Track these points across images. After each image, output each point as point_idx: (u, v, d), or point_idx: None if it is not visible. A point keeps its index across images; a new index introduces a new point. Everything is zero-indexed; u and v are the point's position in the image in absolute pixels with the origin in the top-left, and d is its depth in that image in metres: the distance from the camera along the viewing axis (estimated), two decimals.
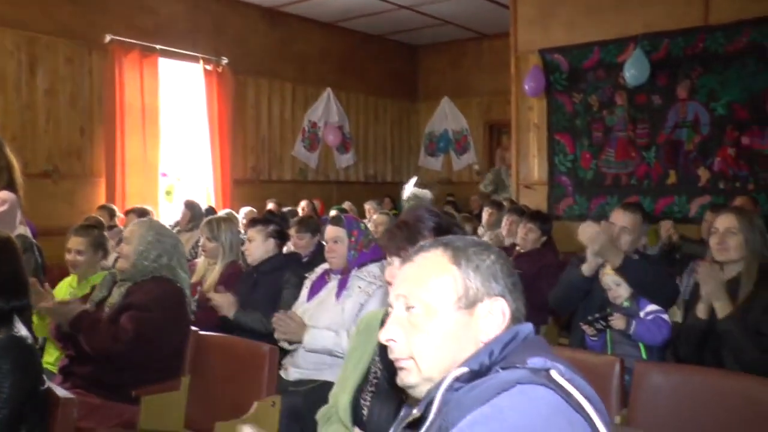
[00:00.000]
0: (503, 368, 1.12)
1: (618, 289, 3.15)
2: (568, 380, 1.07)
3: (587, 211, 7.60)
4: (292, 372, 3.31)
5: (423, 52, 11.89)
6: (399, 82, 11.59)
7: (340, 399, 2.07)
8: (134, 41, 7.71)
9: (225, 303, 3.64)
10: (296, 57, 9.72)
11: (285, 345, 3.29)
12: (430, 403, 1.14)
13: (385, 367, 1.94)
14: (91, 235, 3.80)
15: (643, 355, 3.04)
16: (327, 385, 2.60)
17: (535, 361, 1.10)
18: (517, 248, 4.83)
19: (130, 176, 7.60)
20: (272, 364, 2.98)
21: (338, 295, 3.27)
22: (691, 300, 3.06)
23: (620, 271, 3.09)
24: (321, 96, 10.14)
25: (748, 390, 2.30)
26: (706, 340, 2.86)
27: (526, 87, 7.71)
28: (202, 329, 3.36)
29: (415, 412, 1.20)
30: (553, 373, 1.07)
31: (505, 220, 5.57)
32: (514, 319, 1.25)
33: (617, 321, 3.04)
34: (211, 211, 7.03)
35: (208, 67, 8.43)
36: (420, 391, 1.22)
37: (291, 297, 3.65)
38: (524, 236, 4.81)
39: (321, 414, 2.23)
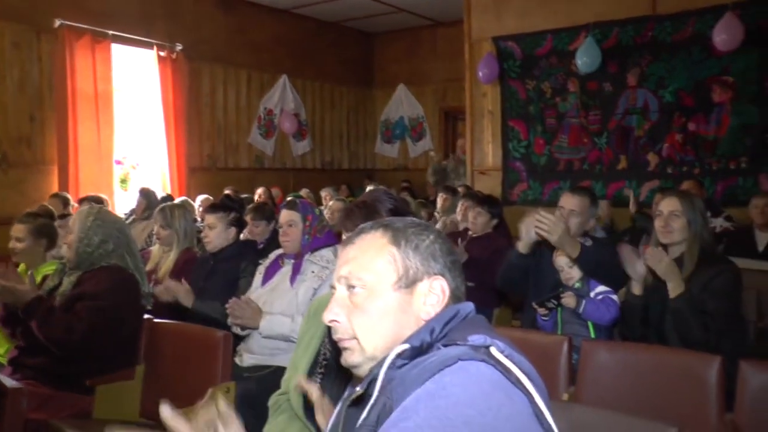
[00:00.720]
0: (444, 345, 1.14)
1: (570, 270, 3.23)
2: (507, 356, 1.10)
3: (541, 196, 7.73)
4: (246, 358, 3.30)
5: (378, 39, 11.90)
6: (355, 69, 11.58)
7: (292, 382, 2.09)
8: (85, 26, 7.54)
9: (182, 292, 3.62)
10: (251, 44, 9.65)
11: (238, 331, 3.29)
12: (373, 381, 1.17)
13: (333, 348, 1.97)
14: (32, 223, 3.72)
15: (592, 334, 3.12)
16: (281, 371, 2.60)
17: (476, 338, 1.12)
18: (470, 233, 4.89)
19: (83, 164, 7.46)
20: (226, 351, 2.99)
21: (292, 280, 3.27)
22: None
23: (578, 261, 3.15)
24: (277, 83, 10.08)
25: (688, 365, 2.40)
26: (647, 316, 2.95)
27: (480, 74, 7.79)
28: (157, 317, 3.36)
29: (358, 389, 1.23)
30: (493, 350, 1.10)
31: (460, 205, 5.63)
32: (454, 297, 1.28)
33: (568, 299, 3.12)
34: (168, 199, 6.96)
35: (162, 54, 8.32)
36: (364, 370, 1.25)
37: (247, 286, 3.62)
38: (474, 220, 4.87)
39: (272, 402, 2.25)
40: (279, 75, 10.09)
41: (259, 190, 8.23)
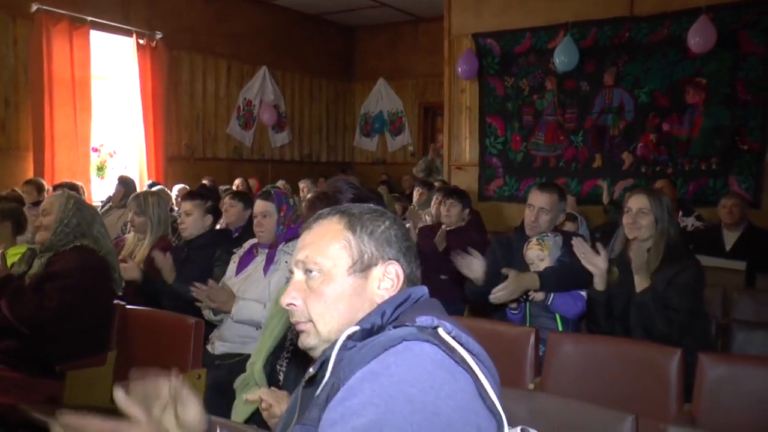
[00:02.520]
0: (395, 327, 1.17)
1: (540, 263, 3.29)
2: (454, 337, 1.13)
3: (517, 192, 7.81)
4: (218, 346, 3.33)
5: (359, 33, 11.91)
6: (335, 62, 11.58)
7: (256, 365, 2.12)
8: (63, 11, 7.48)
9: (167, 266, 3.64)
10: (231, 34, 9.61)
11: (210, 316, 3.31)
12: (325, 362, 1.21)
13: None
14: None
15: (560, 328, 3.18)
16: None
17: (423, 320, 1.15)
18: (443, 226, 4.94)
19: (59, 150, 7.40)
20: (198, 337, 3.01)
21: (266, 269, 3.30)
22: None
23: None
24: (257, 74, 10.06)
25: (650, 357, 2.46)
26: (611, 311, 3.00)
27: (459, 70, 7.84)
28: (129, 304, 3.36)
29: (311, 370, 1.27)
30: (440, 331, 1.13)
31: (434, 199, 5.68)
32: (409, 282, 1.32)
33: (536, 294, 3.17)
34: (155, 185, 6.95)
35: (142, 41, 8.27)
36: (319, 352, 1.28)
37: (221, 274, 3.64)
38: (447, 212, 4.92)
39: (239, 382, 2.28)
40: (259, 66, 10.07)
41: (237, 181, 8.23)
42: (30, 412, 2.88)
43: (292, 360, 2.07)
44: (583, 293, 3.23)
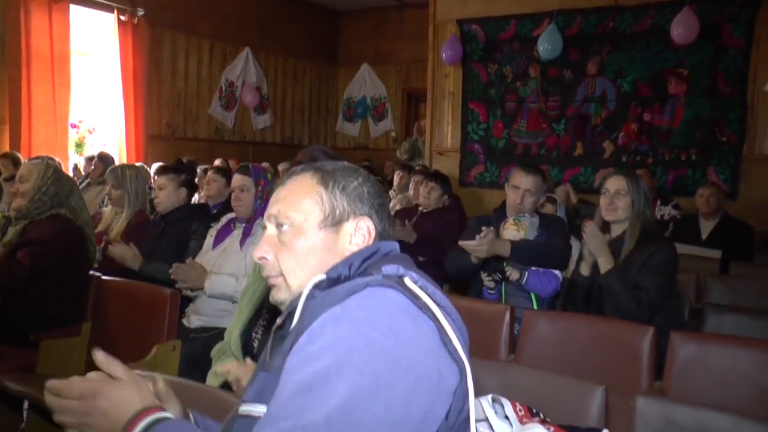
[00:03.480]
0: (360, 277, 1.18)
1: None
2: (420, 287, 1.14)
3: (497, 178, 7.83)
4: (194, 320, 3.32)
5: (345, 17, 11.85)
6: (319, 46, 11.52)
7: (233, 333, 2.12)
8: None
9: (128, 256, 3.60)
10: (215, 14, 9.52)
11: (188, 292, 3.30)
12: (292, 312, 1.21)
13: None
14: None
15: (535, 306, 3.20)
16: None
17: (389, 268, 1.17)
18: (420, 208, 4.95)
19: (37, 125, 7.30)
20: (173, 309, 2.99)
21: (242, 243, 3.29)
22: (580, 258, 3.23)
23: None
24: (240, 55, 9.98)
25: (623, 335, 2.48)
26: (590, 294, 3.03)
27: (443, 55, 7.83)
28: (105, 275, 3.34)
29: (279, 320, 1.28)
30: (405, 280, 1.14)
31: (412, 182, 5.69)
32: (381, 239, 1.32)
33: (512, 272, 3.19)
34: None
35: (123, 18, 8.16)
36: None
37: (197, 248, 3.63)
38: (427, 195, 4.93)
39: (215, 350, 2.28)
40: (242, 47, 9.99)
41: (217, 161, 8.16)
42: (2, 380, 2.87)
43: (267, 329, 2.07)
44: (557, 273, 3.27)
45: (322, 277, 1.21)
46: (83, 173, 7.09)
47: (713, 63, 6.75)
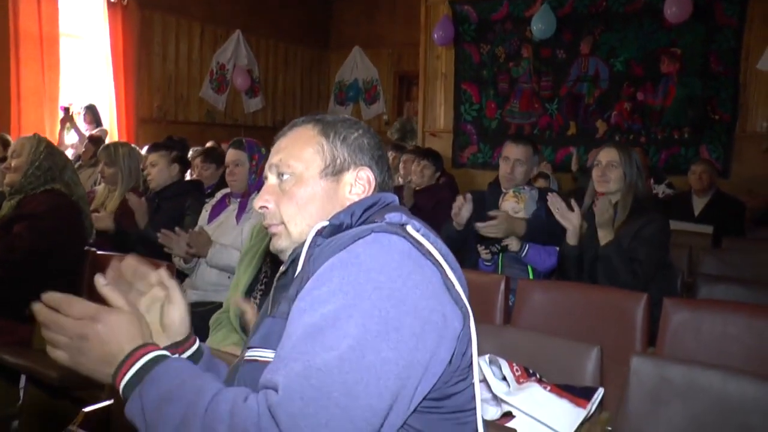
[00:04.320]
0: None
1: (516, 215, 3.31)
2: (423, 235, 1.16)
3: (490, 159, 7.83)
4: (190, 294, 3.32)
5: (336, 1, 11.78)
6: (311, 29, 11.45)
7: (231, 299, 2.12)
8: None
9: (141, 209, 3.62)
10: None
11: (181, 264, 3.30)
12: (295, 260, 1.22)
13: (273, 265, 2.01)
14: None
15: (530, 277, 3.21)
16: None
17: (392, 216, 1.19)
18: (414, 185, 4.96)
19: (25, 107, 7.22)
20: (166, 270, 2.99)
21: (238, 217, 3.30)
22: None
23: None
24: (231, 38, 9.91)
25: (617, 302, 2.50)
26: (581, 264, 3.05)
27: (435, 36, 7.81)
28: (99, 250, 3.34)
29: (282, 268, 1.29)
30: (408, 227, 1.16)
31: (402, 162, 5.71)
32: (380, 189, 1.34)
33: (512, 243, 3.20)
34: None
35: (113, 0, 8.09)
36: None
37: (192, 223, 3.63)
38: (420, 173, 4.95)
39: (213, 319, 2.28)
40: (233, 30, 9.92)
41: (209, 144, 8.14)
42: None
43: (266, 293, 2.07)
44: (557, 249, 3.28)
45: (325, 223, 1.22)
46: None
47: (706, 42, 6.77)
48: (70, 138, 7.63)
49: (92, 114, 7.29)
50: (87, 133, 7.36)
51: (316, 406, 0.94)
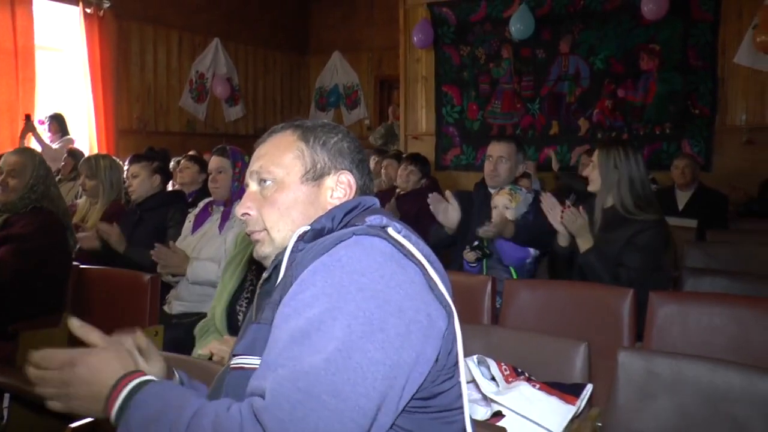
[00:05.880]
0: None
1: (504, 211, 3.33)
2: (404, 236, 1.17)
3: (474, 160, 7.84)
4: (175, 306, 3.31)
5: (314, 5, 11.76)
6: (290, 35, 11.42)
7: (217, 308, 2.11)
8: None
9: (114, 236, 3.58)
10: (183, 4, 9.40)
11: (169, 279, 3.28)
12: (278, 265, 1.23)
13: (258, 272, 1.99)
14: None
15: (514, 278, 3.22)
16: None
17: (373, 218, 1.20)
18: (398, 190, 4.96)
19: (1, 122, 7.15)
20: (154, 294, 2.97)
21: (221, 227, 3.28)
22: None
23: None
24: (209, 46, 9.87)
25: (603, 298, 2.50)
26: (572, 263, 3.05)
27: (415, 39, 7.82)
28: (83, 264, 3.31)
29: (265, 275, 1.30)
30: (389, 230, 1.17)
31: (383, 167, 5.71)
32: (362, 193, 1.35)
33: (486, 231, 3.22)
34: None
35: (89, 11, 8.02)
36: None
37: (175, 235, 3.62)
38: (406, 178, 4.95)
39: (199, 327, 2.27)
40: (211, 38, 9.87)
41: (191, 153, 8.09)
42: None
43: (252, 300, 2.06)
44: (530, 249, 3.30)
45: (307, 228, 1.22)
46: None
47: (683, 38, 6.81)
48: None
49: (58, 123, 7.21)
50: (54, 145, 7.28)
51: (305, 409, 0.94)
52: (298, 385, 0.96)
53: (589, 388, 1.75)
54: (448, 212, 3.33)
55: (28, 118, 7.09)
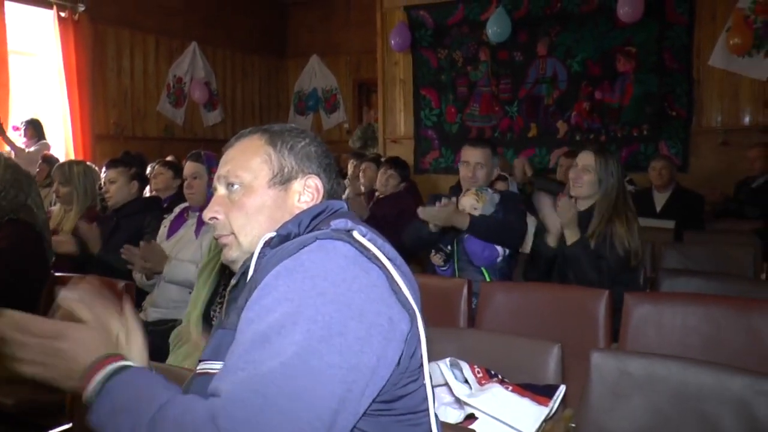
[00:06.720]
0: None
1: (474, 211, 3.32)
2: (369, 240, 1.17)
3: (453, 163, 7.85)
4: (151, 312, 3.28)
5: (292, 9, 11.72)
6: (267, 38, 11.38)
7: (192, 314, 2.09)
8: None
9: (93, 236, 3.55)
10: (159, 8, 9.33)
11: (142, 281, 3.25)
12: (245, 272, 1.24)
13: (230, 272, 1.98)
14: None
15: (487, 279, 3.23)
16: None
17: (338, 222, 1.20)
18: (377, 193, 4.95)
19: None
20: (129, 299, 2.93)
21: (197, 231, 3.27)
22: (539, 231, 3.26)
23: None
24: (186, 50, 9.80)
25: (579, 300, 2.51)
26: (552, 265, 3.07)
27: (392, 42, 7.83)
28: (57, 270, 3.26)
29: (233, 281, 1.30)
30: (354, 233, 1.17)
31: (361, 170, 5.70)
32: (329, 197, 1.35)
33: (428, 210, 3.26)
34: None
35: (63, 15, 7.92)
36: (240, 264, 1.31)
37: (152, 241, 3.59)
38: (385, 182, 4.95)
39: (173, 335, 2.25)
40: (189, 42, 9.81)
41: (169, 158, 8.04)
42: None
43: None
44: (498, 248, 3.30)
45: (273, 234, 1.23)
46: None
47: (659, 40, 6.88)
48: None
49: (34, 128, 7.13)
50: (28, 149, 7.20)
51: (260, 412, 0.95)
52: (255, 388, 0.97)
53: (562, 389, 1.75)
54: (430, 212, 3.29)
55: None
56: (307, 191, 1.32)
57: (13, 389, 2.60)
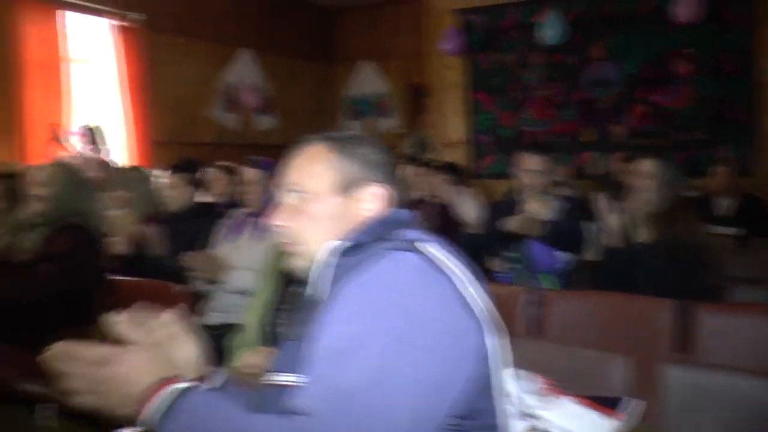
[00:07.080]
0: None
1: (541, 218, 3.30)
2: (437, 249, 1.17)
3: (506, 168, 7.76)
4: (212, 317, 3.31)
5: (341, 15, 11.76)
6: (318, 45, 11.43)
7: (251, 320, 2.09)
8: None
9: (154, 239, 3.63)
10: (212, 16, 9.45)
11: (203, 287, 3.28)
12: (312, 280, 1.25)
13: (292, 278, 1.98)
14: None
15: (544, 285, 3.21)
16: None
17: (406, 232, 1.21)
18: (432, 199, 4.93)
19: (31, 135, 7.16)
20: (186, 304, 2.97)
21: (255, 237, 3.29)
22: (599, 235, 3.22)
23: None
24: (238, 56, 9.92)
25: (642, 309, 2.45)
26: (628, 268, 2.99)
27: (443, 47, 7.79)
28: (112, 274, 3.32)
29: (298, 289, 1.32)
30: (422, 243, 1.17)
31: (414, 175, 5.66)
32: (394, 204, 1.34)
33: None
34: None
35: (119, 23, 8.08)
36: (307, 272, 1.31)
37: (208, 246, 3.63)
38: (439, 187, 4.92)
39: (234, 340, 2.25)
40: (240, 48, 9.92)
41: (221, 163, 8.12)
42: (17, 384, 2.84)
43: (288, 311, 2.04)
44: (559, 254, 3.27)
45: (340, 242, 1.23)
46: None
47: (716, 42, 6.72)
48: None
49: (93, 134, 7.21)
50: (87, 155, 7.31)
51: (340, 429, 0.95)
52: (334, 406, 0.97)
53: (632, 402, 1.70)
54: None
55: (54, 131, 7.14)
56: (372, 199, 1.31)
57: None
